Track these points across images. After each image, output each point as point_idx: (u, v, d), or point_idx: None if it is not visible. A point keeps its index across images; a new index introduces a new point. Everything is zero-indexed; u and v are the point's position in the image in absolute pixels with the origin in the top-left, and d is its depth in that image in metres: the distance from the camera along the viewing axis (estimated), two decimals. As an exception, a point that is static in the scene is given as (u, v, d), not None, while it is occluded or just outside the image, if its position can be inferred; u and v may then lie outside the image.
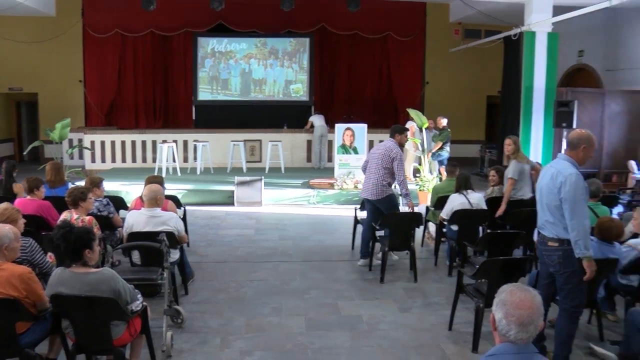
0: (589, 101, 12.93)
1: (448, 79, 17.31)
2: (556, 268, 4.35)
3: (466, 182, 7.10)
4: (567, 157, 4.32)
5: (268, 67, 16.45)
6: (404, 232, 6.74)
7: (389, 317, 5.56)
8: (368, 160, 7.17)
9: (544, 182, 4.40)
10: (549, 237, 4.35)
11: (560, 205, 4.21)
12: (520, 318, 2.22)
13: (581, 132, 4.36)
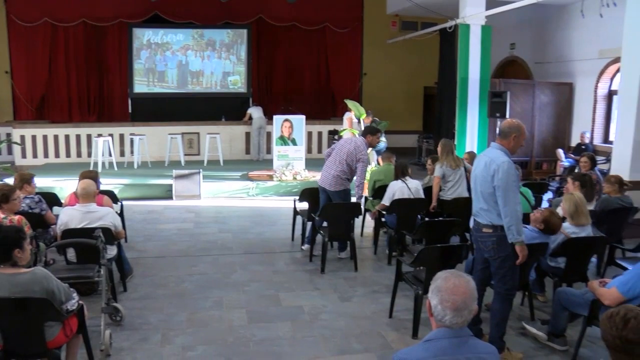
0: (521, 92, 13.39)
1: (385, 70, 17.54)
2: (490, 253, 4.49)
3: (404, 170, 7.25)
4: (500, 146, 4.45)
5: (205, 58, 16.21)
6: (343, 222, 6.80)
7: (330, 307, 5.62)
8: (333, 150, 7.17)
9: (477, 171, 4.51)
10: (483, 224, 4.48)
11: (494, 193, 4.33)
12: (455, 303, 2.29)
13: (512, 122, 4.51)
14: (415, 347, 2.36)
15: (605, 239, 5.78)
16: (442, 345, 2.29)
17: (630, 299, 4.03)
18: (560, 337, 4.80)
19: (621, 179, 6.98)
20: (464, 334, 2.34)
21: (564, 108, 13.95)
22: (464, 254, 5.26)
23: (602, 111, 13.34)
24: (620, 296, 4.06)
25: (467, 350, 2.31)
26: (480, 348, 2.38)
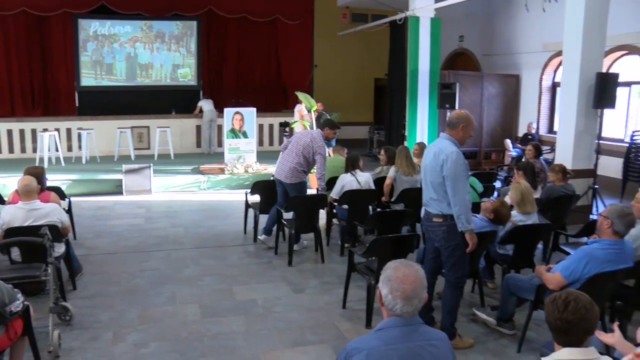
0: (469, 84, 13.64)
1: (336, 62, 17.59)
2: (441, 243, 4.57)
3: (354, 163, 7.30)
4: (448, 136, 4.52)
5: (154, 51, 15.89)
6: (309, 214, 6.83)
7: (283, 299, 5.64)
8: (289, 142, 7.15)
9: (427, 161, 4.57)
10: (433, 214, 4.55)
11: (443, 183, 4.39)
12: (405, 292, 2.33)
13: (459, 113, 4.59)
14: (367, 336, 2.40)
15: (550, 225, 5.97)
16: (394, 334, 2.33)
17: (573, 282, 4.18)
18: (508, 322, 4.94)
19: (564, 168, 7.22)
20: (415, 322, 2.38)
21: (511, 99, 14.29)
22: (415, 244, 5.35)
23: (546, 102, 13.74)
24: (563, 280, 4.21)
25: (418, 337, 2.35)
26: (431, 335, 2.43)
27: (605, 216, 4.23)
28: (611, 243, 4.22)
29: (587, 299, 2.47)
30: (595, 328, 2.49)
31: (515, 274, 5.18)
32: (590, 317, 2.42)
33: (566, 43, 8.95)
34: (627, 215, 4.23)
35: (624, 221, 4.20)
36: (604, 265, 4.14)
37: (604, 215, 4.26)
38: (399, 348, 2.30)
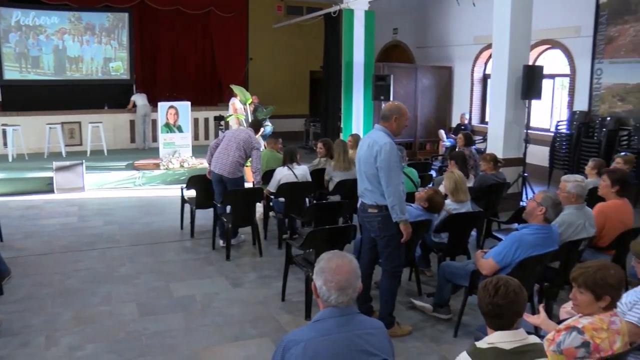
0: (404, 75, 13.86)
1: (272, 55, 17.53)
2: (377, 233, 4.63)
3: (292, 156, 7.31)
4: (382, 128, 4.56)
5: (84, 43, 15.31)
6: (246, 208, 6.78)
7: (222, 294, 5.60)
8: (222, 140, 7.06)
9: (361, 152, 4.61)
10: (368, 204, 4.59)
11: (377, 174, 4.44)
12: (339, 283, 2.35)
13: (392, 104, 4.64)
14: (303, 328, 2.41)
15: (483, 213, 6.16)
16: (330, 325, 2.35)
17: (505, 266, 4.33)
18: (444, 307, 5.08)
19: (496, 157, 7.45)
20: (351, 311, 2.41)
21: (445, 90, 14.62)
22: (351, 235, 5.41)
23: (478, 93, 14.15)
24: (495, 265, 4.36)
25: (354, 327, 2.38)
26: (368, 324, 2.46)
27: (539, 203, 4.40)
28: (539, 228, 4.40)
29: (516, 284, 2.57)
30: (524, 310, 2.59)
31: (450, 262, 5.32)
32: (519, 300, 2.52)
33: (495, 37, 9.23)
34: (559, 204, 4.48)
35: (556, 210, 4.43)
36: (533, 249, 4.31)
37: (537, 202, 4.42)
38: (336, 338, 2.32)
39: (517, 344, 2.49)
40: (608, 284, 2.87)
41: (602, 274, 2.88)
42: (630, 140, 10.35)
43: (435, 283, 5.39)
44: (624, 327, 3.00)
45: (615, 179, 5.39)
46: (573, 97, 11.66)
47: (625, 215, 5.38)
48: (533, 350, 2.51)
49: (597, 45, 11.02)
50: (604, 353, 2.83)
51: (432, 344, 4.67)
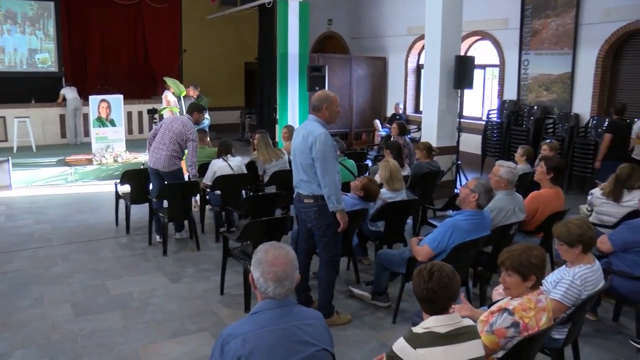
0: (338, 66, 13.94)
1: (206, 47, 17.25)
2: (313, 223, 4.65)
3: (227, 148, 7.25)
4: (316, 118, 4.56)
5: (5, 33, 14.59)
6: (182, 201, 6.68)
7: (160, 290, 5.51)
8: (158, 130, 6.89)
9: (296, 143, 4.60)
10: (304, 195, 4.60)
11: (313, 164, 4.45)
12: (277, 274, 2.35)
13: (320, 94, 4.63)
14: (241, 321, 2.40)
15: (418, 201, 6.28)
16: (268, 316, 2.35)
17: (440, 252, 4.45)
18: (383, 295, 5.16)
19: (430, 146, 7.61)
20: (289, 303, 2.42)
21: (379, 81, 14.80)
22: (288, 226, 5.42)
23: (412, 83, 14.38)
24: (430, 251, 4.47)
25: (292, 318, 2.39)
26: (306, 315, 2.47)
27: (472, 190, 4.54)
28: (472, 214, 4.54)
29: (449, 269, 2.64)
30: (457, 294, 2.67)
31: (387, 250, 5.42)
32: (452, 285, 2.60)
33: (427, 28, 9.41)
34: (491, 191, 4.65)
35: (488, 196, 4.60)
36: (466, 235, 4.44)
37: (470, 189, 4.55)
38: (274, 330, 2.32)
39: (452, 327, 2.56)
40: (532, 264, 3.03)
41: (526, 256, 3.04)
42: (555, 127, 10.79)
43: (373, 271, 5.47)
44: (549, 304, 3.16)
45: (551, 167, 5.60)
46: (503, 86, 12.02)
47: (557, 204, 5.60)
48: (467, 333, 2.60)
49: (523, 37, 11.39)
50: (531, 330, 2.97)
51: (371, 331, 4.75)
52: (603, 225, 5.60)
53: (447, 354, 2.49)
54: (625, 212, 5.62)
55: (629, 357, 3.81)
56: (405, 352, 2.50)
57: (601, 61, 10.17)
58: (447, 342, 2.52)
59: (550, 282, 3.71)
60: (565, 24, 10.61)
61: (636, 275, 4.40)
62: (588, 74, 10.38)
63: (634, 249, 4.46)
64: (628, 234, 4.53)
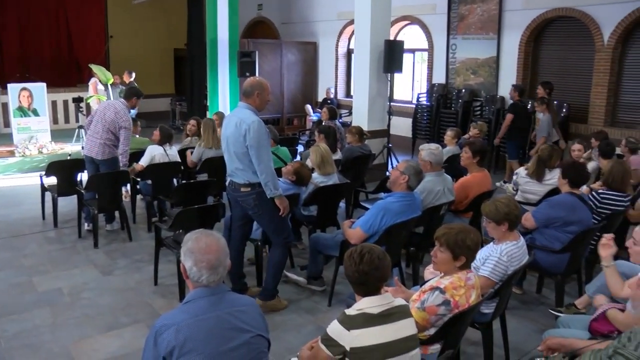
0: (269, 52, 13.86)
1: (134, 33, 16.72)
2: (255, 210, 4.61)
3: (169, 137, 7.12)
4: (247, 105, 4.51)
5: None
6: (111, 191, 6.49)
7: (91, 284, 5.37)
8: (93, 117, 6.66)
9: (229, 132, 4.53)
10: (240, 183, 4.55)
11: (247, 152, 4.41)
12: (210, 262, 2.34)
13: (252, 80, 4.59)
14: (174, 311, 2.38)
15: (350, 184, 6.34)
16: (201, 305, 2.33)
17: (372, 234, 4.52)
18: (317, 279, 5.21)
19: (361, 130, 7.68)
20: (221, 290, 2.41)
21: (310, 66, 14.81)
22: (221, 213, 5.38)
23: (343, 68, 14.48)
24: (363, 234, 4.53)
25: (225, 305, 2.38)
26: (239, 301, 2.47)
27: (402, 172, 4.62)
28: (403, 196, 4.62)
29: (380, 250, 2.68)
30: (388, 275, 2.72)
31: (320, 233, 5.46)
32: (383, 266, 2.63)
33: (357, 12, 9.47)
34: (420, 173, 4.73)
35: (418, 178, 4.69)
36: (398, 217, 4.53)
37: (400, 171, 4.64)
38: (208, 318, 2.31)
39: (385, 307, 2.61)
40: (466, 246, 3.13)
41: (462, 236, 3.13)
42: (482, 110, 11.12)
43: (307, 256, 5.50)
44: (477, 281, 3.27)
45: (476, 150, 5.77)
46: (432, 70, 12.27)
47: (485, 187, 5.79)
48: (400, 312, 2.65)
49: (451, 22, 11.65)
50: (462, 307, 3.07)
51: (307, 315, 4.79)
52: (528, 203, 5.85)
53: (381, 333, 2.54)
54: (547, 190, 5.89)
55: (550, 325, 4.00)
56: (339, 334, 2.53)
57: (523, 46, 10.54)
58: (381, 322, 2.56)
59: (479, 259, 3.84)
60: (490, 9, 10.91)
61: (556, 249, 4.62)
62: (512, 58, 10.74)
63: (554, 224, 4.68)
64: (549, 210, 4.74)
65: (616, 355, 2.39)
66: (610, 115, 9.76)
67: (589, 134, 8.49)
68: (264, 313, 2.58)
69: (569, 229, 4.62)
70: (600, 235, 4.94)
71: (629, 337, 2.46)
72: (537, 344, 3.19)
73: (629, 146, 7.20)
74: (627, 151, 7.15)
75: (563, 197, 4.84)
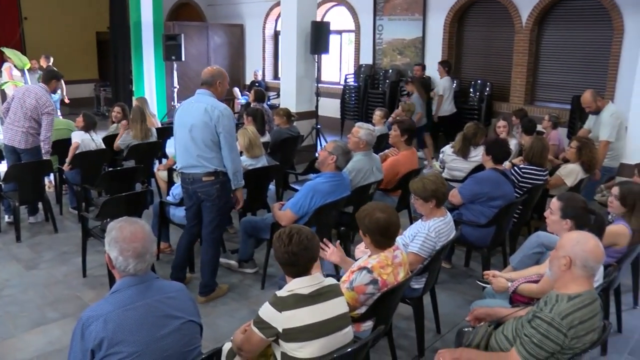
0: (195, 34, 13.61)
1: (51, 15, 15.93)
2: (215, 202, 4.48)
3: (94, 124, 6.88)
4: (210, 93, 4.37)
5: None
6: (33, 182, 6.20)
7: (14, 280, 5.14)
8: (11, 103, 6.31)
9: (197, 118, 4.28)
10: (203, 173, 4.37)
11: (218, 139, 4.29)
12: (136, 250, 2.30)
13: (213, 69, 4.47)
14: (101, 302, 2.32)
15: (279, 166, 6.34)
16: (129, 294, 2.30)
17: (302, 216, 4.55)
18: (249, 262, 5.22)
19: (289, 111, 7.68)
20: (149, 278, 2.38)
21: (237, 48, 14.64)
22: (149, 200, 5.27)
23: (270, 50, 14.39)
24: (293, 215, 4.56)
25: (155, 293, 2.35)
26: (168, 288, 2.44)
27: (330, 152, 4.66)
28: (332, 176, 4.67)
29: (308, 231, 2.70)
30: (317, 256, 2.74)
31: (251, 217, 5.46)
32: (312, 246, 2.65)
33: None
34: (349, 153, 4.79)
35: (346, 158, 4.74)
36: (327, 197, 4.58)
37: (329, 151, 4.67)
38: (137, 307, 2.27)
39: (315, 287, 2.63)
40: (368, 225, 3.24)
41: (369, 219, 3.23)
42: (409, 89, 11.29)
43: (238, 239, 5.48)
44: (405, 258, 3.35)
45: (404, 129, 5.88)
46: (359, 51, 12.36)
47: (413, 164, 5.92)
48: (330, 291, 2.68)
49: (377, 3, 11.76)
50: (390, 285, 3.14)
51: (241, 298, 4.79)
52: (454, 179, 6.03)
53: (313, 313, 2.56)
54: (472, 166, 6.08)
55: (479, 296, 4.15)
56: (271, 316, 2.54)
57: (448, 27, 10.78)
58: (312, 302, 2.59)
59: (408, 235, 3.94)
60: (414, -10, 11.07)
61: (482, 224, 4.79)
62: (437, 38, 10.97)
63: (479, 199, 4.84)
64: (475, 186, 4.90)
65: (535, 319, 2.55)
66: (529, 94, 10.15)
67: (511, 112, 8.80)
68: (209, 304, 2.56)
69: (494, 203, 4.80)
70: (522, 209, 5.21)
71: (545, 301, 2.66)
72: (466, 315, 3.30)
73: (552, 120, 7.55)
74: (549, 126, 7.49)
75: (487, 173, 5.01)
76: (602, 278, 3.43)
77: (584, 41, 9.45)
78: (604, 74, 9.09)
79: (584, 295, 2.56)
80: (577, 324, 2.48)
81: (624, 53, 8.77)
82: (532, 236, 4.13)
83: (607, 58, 9.06)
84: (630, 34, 8.68)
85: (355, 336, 2.87)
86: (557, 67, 9.86)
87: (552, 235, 3.75)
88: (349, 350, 2.61)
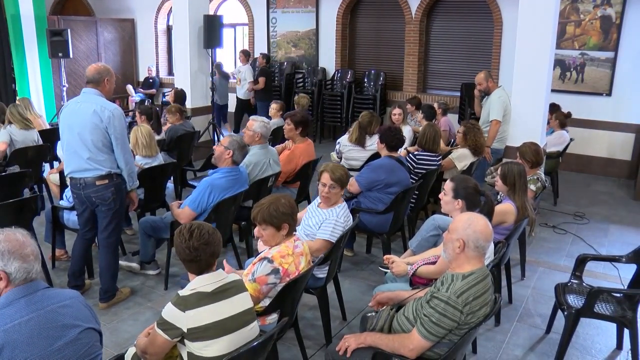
0: (83, 30, 13.01)
1: None
2: (111, 205, 4.29)
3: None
4: (97, 92, 4.16)
5: None
6: None
7: None
8: None
9: (85, 121, 4.07)
10: (97, 176, 4.17)
11: (109, 141, 4.12)
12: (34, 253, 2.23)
13: (99, 66, 4.26)
14: None
15: (176, 164, 6.21)
16: (18, 307, 2.15)
17: (201, 212, 4.50)
18: (151, 263, 5.08)
19: (180, 108, 7.56)
20: (39, 287, 2.25)
21: (129, 44, 14.13)
22: (39, 206, 4.98)
23: (163, 45, 14.01)
24: (192, 213, 4.49)
25: (46, 303, 2.22)
26: (61, 296, 2.31)
27: (226, 147, 4.62)
28: (229, 171, 4.64)
29: (209, 226, 2.67)
30: (220, 251, 2.69)
31: (149, 217, 5.32)
32: (213, 241, 2.62)
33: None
34: (244, 147, 4.78)
35: (242, 152, 4.73)
36: (225, 192, 4.55)
37: (224, 146, 4.63)
38: (28, 320, 2.14)
39: (218, 284, 2.59)
40: (282, 213, 3.22)
41: (274, 207, 3.22)
42: (305, 82, 11.40)
43: (138, 241, 5.32)
44: (306, 248, 3.39)
45: (297, 122, 5.91)
46: (253, 44, 12.28)
47: (310, 155, 5.97)
48: (233, 287, 2.66)
49: (270, -5, 11.73)
50: (292, 275, 3.16)
51: (144, 301, 4.66)
52: (351, 168, 6.13)
53: (217, 310, 2.53)
54: (368, 155, 6.22)
55: (381, 281, 4.26)
56: (174, 316, 2.49)
57: (340, 18, 10.95)
58: (215, 299, 2.55)
59: (313, 225, 3.98)
60: (306, -18, 11.15)
61: (380, 210, 4.92)
62: (330, 30, 11.11)
63: (376, 186, 4.97)
64: (371, 174, 5.02)
65: (432, 299, 2.66)
66: (422, 82, 10.52)
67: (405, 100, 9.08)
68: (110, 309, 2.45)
69: (390, 190, 4.94)
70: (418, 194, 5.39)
71: (442, 281, 2.78)
72: (370, 301, 3.38)
73: (442, 107, 7.85)
74: (439, 113, 7.77)
75: (382, 160, 5.15)
76: (493, 255, 3.62)
77: (470, 32, 9.94)
78: (488, 63, 9.59)
79: (477, 272, 2.70)
80: (471, 300, 2.61)
81: (504, 43, 9.33)
82: (428, 220, 4.28)
83: (490, 48, 9.58)
84: (507, 26, 9.24)
85: (261, 330, 2.86)
86: (446, 57, 10.30)
87: (447, 218, 3.91)
88: (254, 344, 2.59)
